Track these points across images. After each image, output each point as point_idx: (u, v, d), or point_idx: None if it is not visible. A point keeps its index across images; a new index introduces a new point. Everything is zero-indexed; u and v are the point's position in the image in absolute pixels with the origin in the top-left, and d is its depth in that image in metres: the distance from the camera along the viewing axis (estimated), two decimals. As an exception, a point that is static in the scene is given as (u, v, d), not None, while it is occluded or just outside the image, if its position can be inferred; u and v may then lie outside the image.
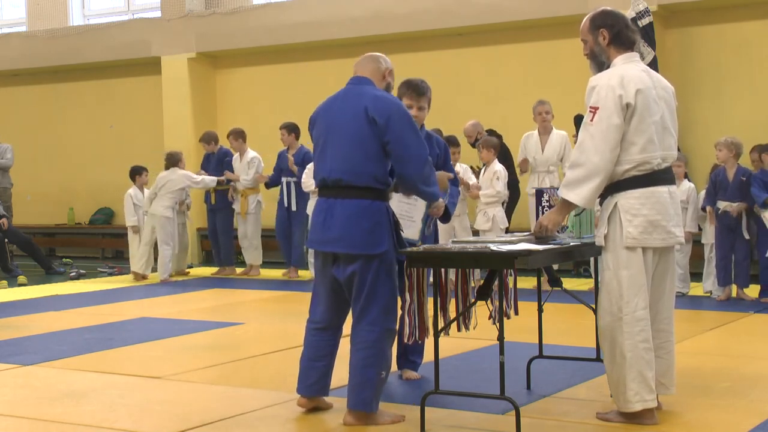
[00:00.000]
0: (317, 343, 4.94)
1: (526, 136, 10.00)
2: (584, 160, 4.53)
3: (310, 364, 4.94)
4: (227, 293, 10.45)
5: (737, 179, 8.91)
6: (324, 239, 4.75)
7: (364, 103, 4.67)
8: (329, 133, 4.77)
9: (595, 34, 4.71)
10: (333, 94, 4.95)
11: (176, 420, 4.92)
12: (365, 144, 4.66)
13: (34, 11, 16.02)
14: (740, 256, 8.96)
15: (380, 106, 4.66)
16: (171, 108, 14.26)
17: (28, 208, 15.55)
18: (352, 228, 4.65)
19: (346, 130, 4.70)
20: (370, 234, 4.65)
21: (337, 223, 4.68)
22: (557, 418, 4.83)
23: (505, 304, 4.72)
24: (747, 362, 6.16)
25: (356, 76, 4.90)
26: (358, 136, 4.66)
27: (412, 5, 12.55)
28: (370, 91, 4.76)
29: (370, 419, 4.73)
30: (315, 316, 4.96)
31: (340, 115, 4.75)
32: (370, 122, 4.64)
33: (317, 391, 4.95)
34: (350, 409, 4.75)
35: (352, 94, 4.79)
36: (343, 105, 4.77)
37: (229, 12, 14.00)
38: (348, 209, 4.67)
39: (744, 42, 11.28)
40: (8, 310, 9.22)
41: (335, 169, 4.71)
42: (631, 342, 4.52)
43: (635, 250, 4.55)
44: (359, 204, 4.67)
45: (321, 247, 4.80)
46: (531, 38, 12.28)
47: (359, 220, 4.65)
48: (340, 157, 4.70)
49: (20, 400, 5.49)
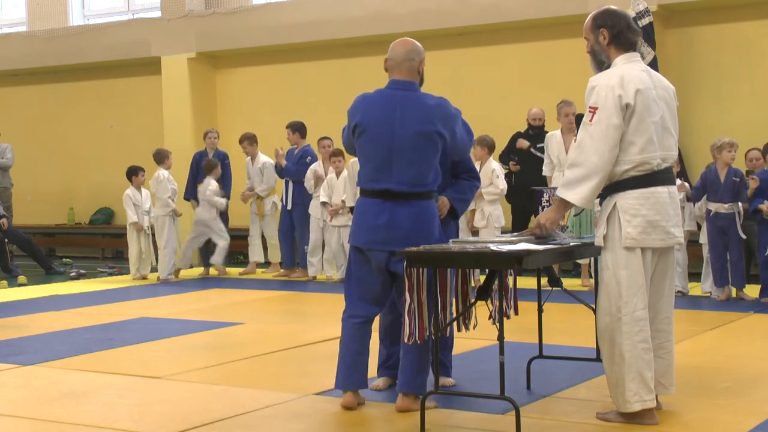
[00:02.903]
0: (361, 336, 5.05)
1: (549, 136, 9.98)
2: (583, 160, 4.53)
3: (355, 359, 5.03)
4: (227, 293, 10.45)
5: (729, 180, 8.89)
6: (390, 239, 4.88)
7: (428, 115, 4.86)
8: (394, 147, 4.88)
9: (595, 33, 4.72)
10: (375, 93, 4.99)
11: (176, 420, 4.92)
12: (429, 157, 4.90)
13: (34, 11, 16.01)
14: (735, 257, 8.94)
15: (444, 117, 4.90)
16: (171, 108, 14.25)
17: (28, 208, 15.55)
18: (418, 227, 4.89)
19: (414, 146, 4.87)
20: (432, 231, 4.94)
21: (404, 224, 4.88)
22: (557, 418, 4.84)
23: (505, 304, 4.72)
24: (747, 362, 6.16)
25: (401, 81, 4.96)
26: (427, 153, 4.88)
27: (412, 5, 12.54)
28: (429, 99, 4.93)
29: (418, 403, 4.80)
30: (357, 311, 5.05)
31: (402, 128, 4.87)
32: (437, 135, 4.87)
33: (362, 384, 5.06)
34: (405, 392, 4.90)
35: (411, 105, 4.89)
36: (403, 115, 4.88)
37: (229, 12, 14.00)
38: (412, 210, 4.90)
39: (744, 42, 11.28)
40: (8, 310, 9.22)
41: (403, 183, 4.90)
42: (630, 342, 4.52)
43: (634, 251, 4.55)
44: (421, 205, 4.93)
45: (386, 247, 4.91)
46: (531, 38, 12.28)
47: (423, 219, 4.92)
48: (407, 173, 4.89)
49: (20, 400, 5.50)
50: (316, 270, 11.26)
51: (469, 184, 5.47)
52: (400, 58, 4.96)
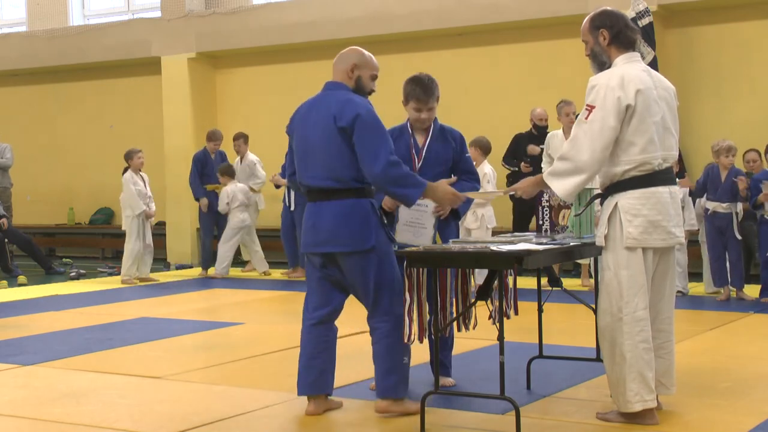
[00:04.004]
0: (313, 339, 4.97)
1: (551, 135, 9.93)
2: (573, 155, 4.55)
3: (308, 362, 4.96)
4: (227, 293, 10.45)
5: (729, 180, 8.91)
6: (315, 242, 4.85)
7: (332, 112, 4.77)
8: (307, 144, 4.86)
9: (595, 35, 4.72)
10: (311, 98, 5.01)
11: (176, 420, 4.92)
12: (341, 152, 4.76)
13: (34, 11, 16.01)
14: (733, 257, 8.95)
15: (345, 113, 4.74)
16: (171, 108, 14.25)
17: (28, 208, 15.56)
18: (340, 228, 4.76)
19: (321, 141, 4.80)
20: (359, 231, 4.75)
21: (325, 225, 4.79)
22: (557, 418, 4.83)
23: (505, 304, 4.72)
24: (747, 362, 6.16)
25: (329, 82, 4.98)
26: (333, 146, 4.76)
27: (412, 5, 12.54)
28: (340, 97, 4.83)
29: (398, 405, 4.82)
30: (308, 312, 5.02)
31: (314, 127, 4.84)
32: (340, 130, 4.73)
33: (319, 389, 4.95)
34: (380, 397, 4.85)
35: (323, 103, 4.87)
36: (317, 115, 4.86)
37: (229, 12, 13.99)
38: (335, 210, 4.78)
39: (744, 42, 11.28)
40: (8, 310, 9.22)
41: (317, 177, 4.82)
42: (631, 342, 4.52)
43: (635, 251, 4.55)
44: (345, 204, 4.78)
45: (313, 249, 4.88)
46: (531, 38, 12.28)
47: (347, 219, 4.76)
48: (320, 167, 4.81)
49: (20, 400, 5.49)
50: None
51: (470, 186, 5.43)
52: (334, 62, 4.99)
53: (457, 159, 5.47)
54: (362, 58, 4.95)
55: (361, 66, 4.93)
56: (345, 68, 4.93)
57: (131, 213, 11.29)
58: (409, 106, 5.41)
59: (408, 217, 5.22)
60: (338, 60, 4.98)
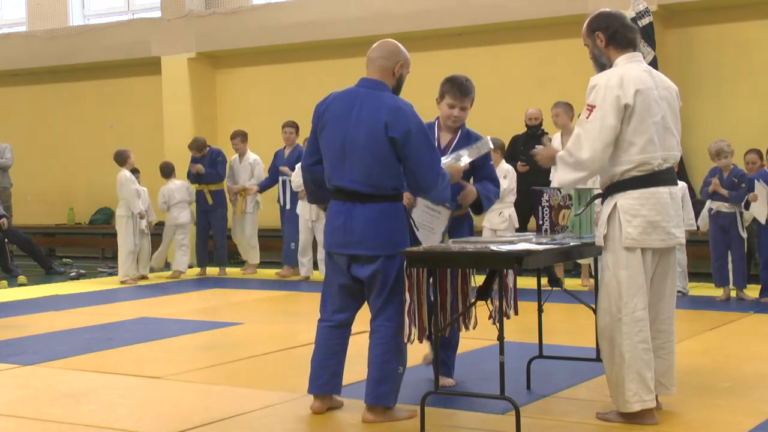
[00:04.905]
0: (330, 341, 4.96)
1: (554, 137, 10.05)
2: (574, 152, 4.58)
3: (323, 363, 4.96)
4: (227, 293, 10.45)
5: (729, 180, 8.94)
6: (346, 242, 4.78)
7: (383, 118, 4.67)
8: (347, 145, 4.75)
9: (592, 38, 4.73)
10: (343, 90, 4.89)
11: (176, 420, 4.92)
12: (385, 161, 4.70)
13: (34, 11, 16.01)
14: (736, 257, 8.96)
15: (399, 123, 4.66)
16: (171, 108, 14.24)
17: (28, 208, 15.55)
18: (374, 231, 4.72)
19: (365, 144, 4.70)
20: (391, 235, 4.74)
21: (358, 227, 4.74)
22: (557, 418, 4.84)
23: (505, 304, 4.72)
24: (747, 362, 6.16)
25: (369, 80, 4.84)
26: (379, 154, 4.69)
27: (412, 5, 12.54)
28: (387, 101, 4.73)
29: (387, 414, 4.78)
30: (327, 314, 4.98)
31: (357, 127, 4.72)
32: (391, 141, 4.66)
33: (330, 390, 4.97)
34: (369, 404, 4.78)
35: (367, 104, 4.74)
36: (359, 115, 4.73)
37: (229, 12, 13.99)
38: (369, 213, 4.73)
39: (744, 42, 11.28)
40: (8, 310, 9.23)
41: (355, 181, 4.74)
42: (630, 342, 4.53)
43: (634, 251, 4.55)
44: (380, 207, 4.74)
45: (343, 250, 4.81)
46: (531, 38, 12.28)
47: (381, 222, 4.73)
48: (359, 172, 4.72)
49: (20, 400, 5.49)
50: (307, 270, 11.24)
51: (493, 188, 5.51)
52: (374, 56, 4.85)
53: (479, 165, 5.45)
54: (407, 58, 4.89)
55: (406, 65, 4.89)
56: (390, 66, 4.81)
57: (125, 213, 11.29)
58: (444, 103, 5.43)
59: (420, 219, 5.22)
60: (381, 55, 4.84)
